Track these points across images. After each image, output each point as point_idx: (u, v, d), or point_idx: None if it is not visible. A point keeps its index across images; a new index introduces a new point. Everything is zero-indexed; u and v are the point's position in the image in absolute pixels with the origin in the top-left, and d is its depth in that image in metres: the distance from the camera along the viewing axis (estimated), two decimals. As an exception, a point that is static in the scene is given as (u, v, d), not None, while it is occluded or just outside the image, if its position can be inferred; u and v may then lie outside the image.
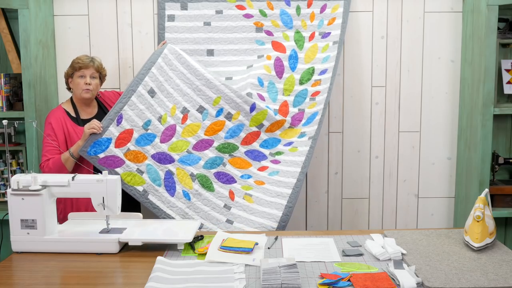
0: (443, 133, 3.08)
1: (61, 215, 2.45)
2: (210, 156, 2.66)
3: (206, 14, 2.88)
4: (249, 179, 2.70)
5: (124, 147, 2.52)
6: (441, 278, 1.69)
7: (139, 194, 2.53)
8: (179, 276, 1.75)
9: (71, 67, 2.57)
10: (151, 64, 2.61)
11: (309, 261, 1.88)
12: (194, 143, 2.65)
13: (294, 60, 2.85)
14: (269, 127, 2.76)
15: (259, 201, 2.63)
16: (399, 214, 3.15)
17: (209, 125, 2.68)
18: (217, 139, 2.68)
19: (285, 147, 2.77)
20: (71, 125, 2.53)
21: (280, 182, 2.66)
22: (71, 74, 2.56)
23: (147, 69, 2.60)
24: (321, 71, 2.84)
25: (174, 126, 2.63)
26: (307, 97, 2.84)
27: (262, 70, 2.82)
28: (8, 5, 2.68)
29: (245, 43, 2.89)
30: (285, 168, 2.70)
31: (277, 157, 2.75)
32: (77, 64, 2.53)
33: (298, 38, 2.87)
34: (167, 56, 2.65)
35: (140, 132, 2.56)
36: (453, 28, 2.99)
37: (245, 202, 2.64)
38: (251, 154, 2.74)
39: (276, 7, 2.88)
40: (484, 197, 2.01)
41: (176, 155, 2.61)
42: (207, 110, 2.68)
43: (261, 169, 2.72)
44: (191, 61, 2.69)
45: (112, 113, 2.52)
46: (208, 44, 2.89)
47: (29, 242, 2.02)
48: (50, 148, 2.46)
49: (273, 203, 2.60)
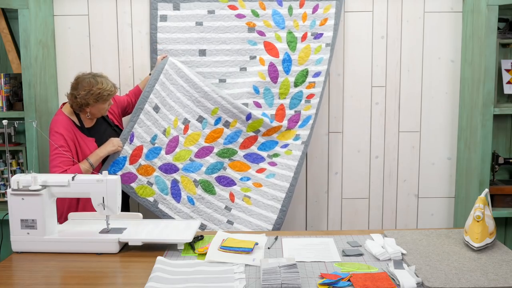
0: (443, 133, 3.08)
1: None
2: (211, 162, 2.78)
3: (198, 14, 2.89)
4: (248, 181, 2.84)
5: (136, 163, 2.65)
6: (441, 278, 1.69)
7: (151, 204, 2.68)
8: (179, 276, 1.75)
9: (96, 97, 2.38)
10: (154, 81, 2.68)
11: (309, 261, 1.88)
12: (196, 151, 2.76)
13: (288, 63, 2.89)
14: (265, 132, 2.88)
15: (257, 203, 2.80)
16: (399, 214, 3.15)
17: (209, 133, 2.78)
18: (216, 145, 2.79)
19: (281, 149, 2.89)
20: (80, 136, 2.48)
21: (276, 185, 2.83)
22: (91, 103, 2.40)
23: (151, 86, 2.68)
24: (315, 73, 2.90)
25: (177, 137, 2.73)
26: (303, 99, 2.91)
27: (257, 77, 2.87)
28: (8, 5, 2.68)
29: (237, 43, 2.90)
30: (280, 171, 2.86)
31: (274, 159, 2.88)
32: (107, 96, 2.42)
33: (290, 39, 2.89)
34: (168, 72, 2.71)
35: (148, 147, 2.67)
36: (453, 28, 2.99)
37: (244, 203, 2.80)
38: (249, 157, 2.86)
39: (268, 7, 2.89)
40: (484, 197, 2.01)
41: (180, 164, 2.73)
42: (206, 119, 2.77)
43: (259, 171, 2.86)
44: (190, 75, 2.76)
45: (126, 132, 2.62)
46: (200, 44, 2.90)
47: (29, 242, 2.02)
48: (65, 160, 2.38)
49: (269, 206, 2.79)
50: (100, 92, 2.39)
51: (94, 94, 2.38)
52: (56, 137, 2.40)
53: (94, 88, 2.38)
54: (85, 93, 2.38)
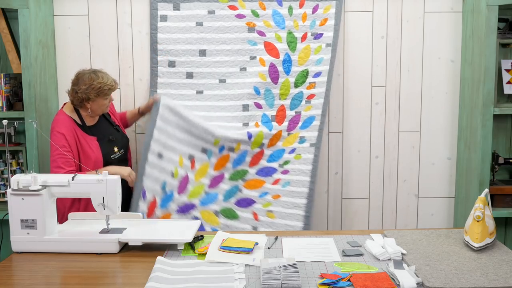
0: (443, 133, 3.08)
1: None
2: (226, 189, 2.80)
3: (198, 14, 2.89)
4: (266, 196, 2.87)
5: (153, 215, 2.62)
6: (441, 278, 1.69)
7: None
8: (179, 276, 1.75)
9: (97, 92, 2.40)
10: (152, 128, 2.66)
11: (309, 261, 1.88)
12: (208, 183, 2.78)
13: (288, 64, 2.89)
14: (269, 143, 2.89)
15: (280, 214, 2.84)
16: (399, 214, 3.15)
17: (216, 161, 2.81)
18: (226, 170, 2.82)
19: (289, 155, 2.90)
20: (81, 135, 2.47)
21: (293, 193, 2.86)
22: (92, 98, 2.42)
23: (150, 135, 2.65)
24: (315, 73, 2.90)
25: (186, 175, 2.74)
26: (303, 100, 2.92)
27: (257, 78, 2.87)
28: (8, 5, 2.68)
29: (237, 44, 2.90)
30: (295, 178, 2.88)
31: (285, 167, 2.90)
32: (108, 90, 2.44)
33: (290, 40, 2.89)
34: (163, 115, 2.69)
35: (161, 196, 2.65)
36: (453, 28, 2.99)
37: (268, 219, 2.84)
38: (262, 172, 2.89)
39: (268, 7, 2.89)
40: (484, 197, 2.00)
41: (196, 200, 2.74)
42: (210, 149, 2.79)
43: (274, 183, 2.89)
44: (185, 113, 2.74)
45: (137, 193, 2.57)
46: (200, 44, 2.90)
47: (29, 242, 2.02)
48: (66, 160, 2.37)
49: (293, 215, 2.83)
50: (101, 86, 2.41)
51: (95, 88, 2.40)
52: (58, 137, 2.39)
53: (94, 83, 2.41)
54: (85, 88, 2.40)
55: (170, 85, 2.93)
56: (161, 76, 2.93)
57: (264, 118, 2.92)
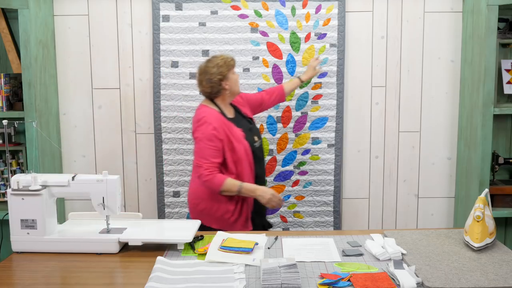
0: (443, 133, 3.08)
1: None
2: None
3: (201, 15, 2.89)
4: (290, 199, 2.96)
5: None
6: (441, 278, 1.69)
7: None
8: (179, 276, 1.75)
9: (226, 66, 2.44)
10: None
11: (309, 261, 1.88)
12: None
13: (292, 65, 2.90)
14: (278, 148, 2.95)
15: (307, 213, 2.95)
16: (399, 214, 3.15)
17: None
18: None
19: (303, 156, 2.96)
20: (228, 125, 2.43)
21: (318, 192, 2.97)
22: (226, 75, 2.43)
23: None
24: (321, 74, 2.92)
25: None
26: (309, 100, 2.94)
27: (261, 79, 2.88)
28: (8, 5, 2.68)
29: (240, 44, 2.91)
30: (316, 178, 2.96)
31: (301, 168, 2.98)
32: (232, 61, 2.47)
33: (294, 40, 2.89)
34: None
35: None
36: (453, 28, 2.99)
37: (296, 219, 2.96)
38: (279, 177, 2.97)
39: (271, 7, 2.89)
40: (484, 197, 2.00)
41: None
42: None
43: (294, 185, 2.98)
44: None
45: None
46: (203, 44, 2.90)
47: (29, 242, 2.02)
48: (213, 152, 2.36)
49: (322, 211, 2.94)
50: (225, 60, 2.45)
51: (223, 65, 2.43)
52: (206, 127, 2.37)
53: (218, 60, 2.44)
54: (216, 69, 2.42)
55: (173, 86, 2.93)
56: (164, 77, 2.93)
57: (270, 120, 2.92)
